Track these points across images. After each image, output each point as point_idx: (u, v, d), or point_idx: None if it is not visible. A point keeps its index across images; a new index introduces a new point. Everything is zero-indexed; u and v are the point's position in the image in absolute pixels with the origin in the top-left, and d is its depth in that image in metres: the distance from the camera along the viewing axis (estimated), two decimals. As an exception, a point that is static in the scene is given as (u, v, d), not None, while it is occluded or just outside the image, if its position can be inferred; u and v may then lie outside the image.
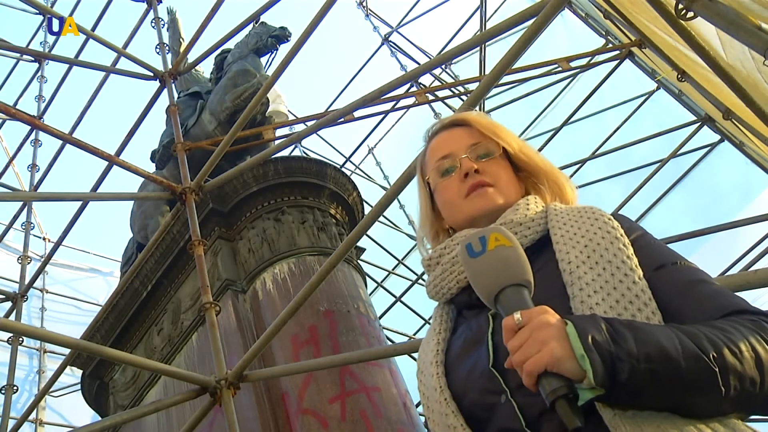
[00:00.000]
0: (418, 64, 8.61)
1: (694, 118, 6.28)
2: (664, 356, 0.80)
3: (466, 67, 8.66)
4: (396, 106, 6.72)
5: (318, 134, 8.57)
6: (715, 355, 0.81)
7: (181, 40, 7.11)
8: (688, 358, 0.80)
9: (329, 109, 7.19)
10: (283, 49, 6.00)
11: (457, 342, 1.08)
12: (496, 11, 8.32)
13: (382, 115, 7.55)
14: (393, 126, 9.73)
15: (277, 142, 5.24)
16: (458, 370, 1.03)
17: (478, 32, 7.87)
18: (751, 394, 0.83)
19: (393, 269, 8.68)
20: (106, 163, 4.46)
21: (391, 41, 9.41)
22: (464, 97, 5.88)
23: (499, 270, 0.90)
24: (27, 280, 5.66)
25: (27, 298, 5.63)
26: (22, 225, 6.67)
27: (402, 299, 8.41)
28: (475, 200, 1.16)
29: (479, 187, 1.16)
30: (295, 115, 6.69)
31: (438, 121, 1.33)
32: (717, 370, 0.80)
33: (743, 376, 0.82)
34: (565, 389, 0.79)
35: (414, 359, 7.03)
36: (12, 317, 5.29)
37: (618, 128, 7.31)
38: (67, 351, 5.17)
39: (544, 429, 0.88)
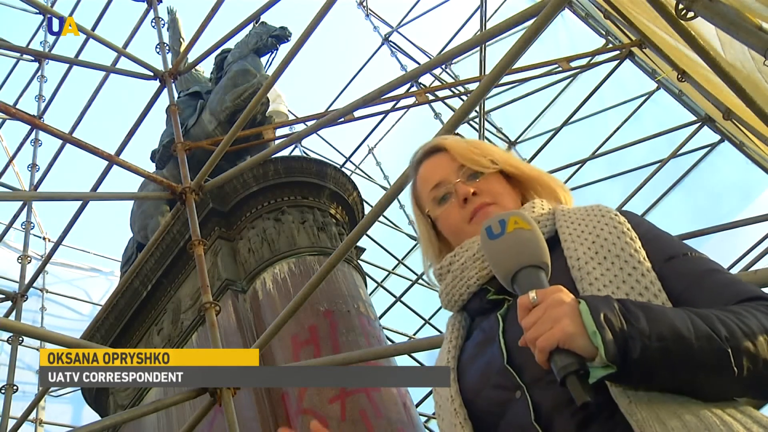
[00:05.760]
0: (418, 64, 8.60)
1: (694, 118, 6.27)
2: (676, 335, 0.81)
3: (466, 67, 8.65)
4: (396, 106, 6.71)
5: (318, 134, 8.56)
6: (727, 335, 0.82)
7: (181, 39, 7.10)
8: (700, 337, 0.81)
9: (329, 109, 7.18)
10: (283, 49, 6.01)
11: (471, 345, 1.09)
12: (496, 11, 8.30)
13: (382, 115, 7.55)
14: (393, 126, 9.71)
15: (277, 142, 5.24)
16: (471, 370, 1.04)
17: (478, 32, 7.86)
18: (764, 377, 0.83)
19: (393, 269, 8.66)
20: (106, 163, 4.46)
21: (391, 41, 9.39)
22: (464, 97, 5.88)
23: (518, 251, 0.91)
24: (27, 280, 5.66)
25: (27, 298, 5.62)
26: (22, 225, 6.66)
27: (402, 299, 8.40)
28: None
29: (482, 209, 1.15)
30: (295, 115, 6.68)
31: (419, 149, 1.30)
32: (729, 350, 0.81)
33: (756, 358, 0.82)
34: (576, 365, 0.80)
35: (414, 359, 7.05)
36: (12, 317, 5.29)
37: (618, 128, 7.30)
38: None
39: (556, 424, 0.89)
